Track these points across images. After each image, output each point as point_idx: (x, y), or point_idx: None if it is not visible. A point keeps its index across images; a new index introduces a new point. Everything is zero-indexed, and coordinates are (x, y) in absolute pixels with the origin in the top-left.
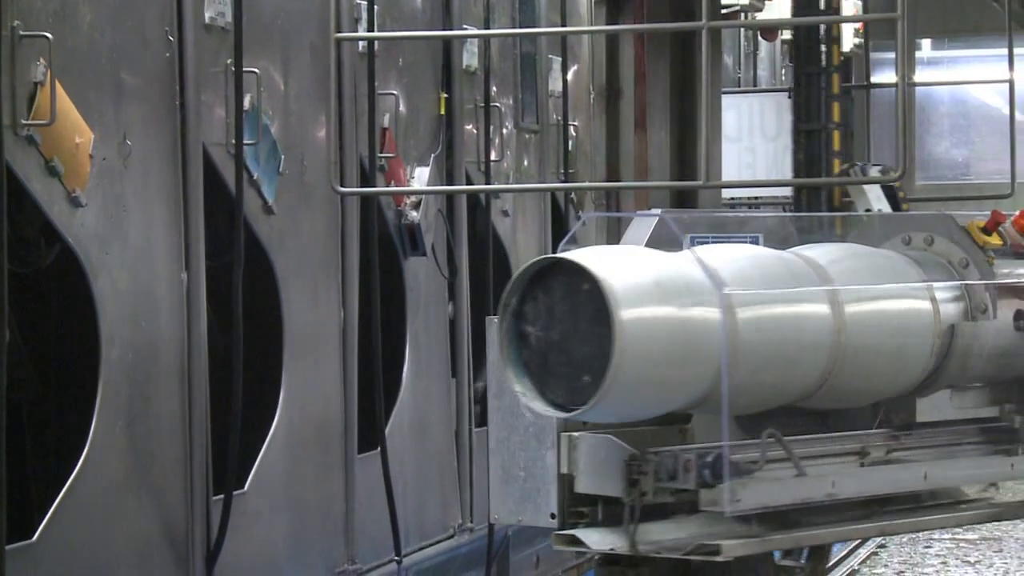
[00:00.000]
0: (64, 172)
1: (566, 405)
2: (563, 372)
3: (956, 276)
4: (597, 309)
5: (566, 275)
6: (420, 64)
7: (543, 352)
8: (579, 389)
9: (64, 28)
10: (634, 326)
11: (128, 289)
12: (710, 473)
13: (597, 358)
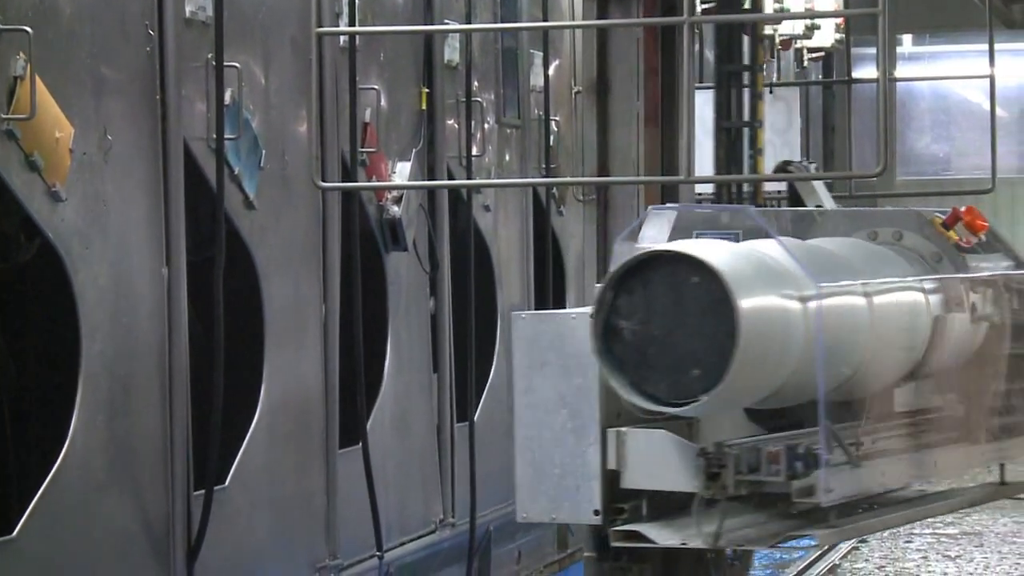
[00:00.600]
0: (44, 167)
1: (668, 400)
2: (666, 366)
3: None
4: (711, 301)
5: (670, 268)
6: (401, 59)
7: (641, 347)
8: (685, 383)
9: (44, 22)
10: (753, 317)
11: (109, 284)
12: (802, 465)
13: (710, 351)
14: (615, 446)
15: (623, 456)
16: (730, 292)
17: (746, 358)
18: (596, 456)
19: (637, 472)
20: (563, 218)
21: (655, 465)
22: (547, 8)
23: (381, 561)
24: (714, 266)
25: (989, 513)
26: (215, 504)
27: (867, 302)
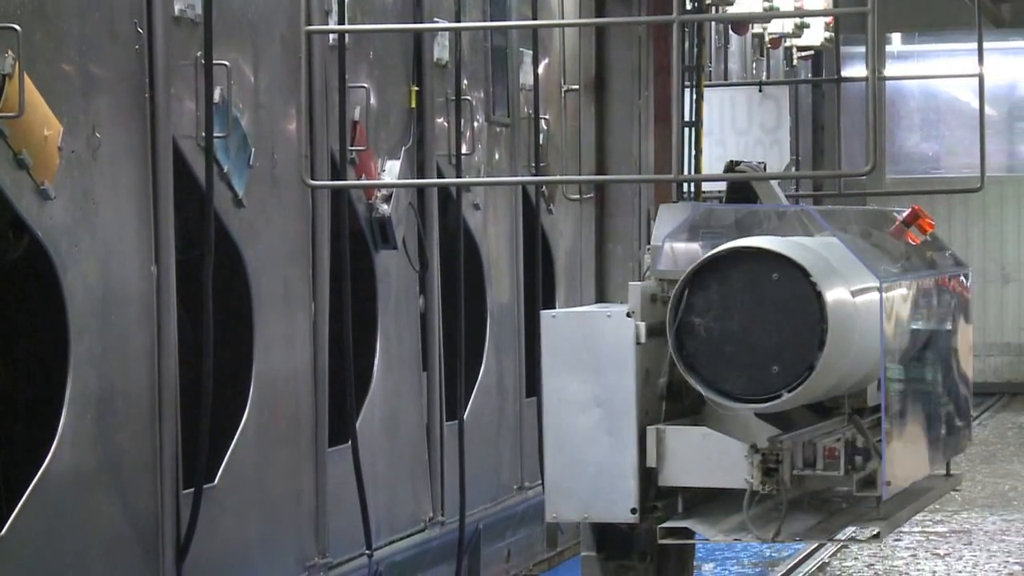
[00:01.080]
0: (33, 164)
1: (744, 396)
2: (744, 363)
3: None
4: (795, 297)
5: (749, 264)
6: (391, 57)
7: (717, 344)
8: (765, 380)
9: (33, 20)
10: (837, 312)
11: (97, 282)
12: (862, 458)
13: (793, 347)
14: (654, 444)
15: (662, 454)
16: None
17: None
18: (633, 454)
19: (678, 470)
20: (553, 216)
21: (699, 462)
22: (536, 7)
23: (370, 560)
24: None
25: (978, 512)
26: (204, 502)
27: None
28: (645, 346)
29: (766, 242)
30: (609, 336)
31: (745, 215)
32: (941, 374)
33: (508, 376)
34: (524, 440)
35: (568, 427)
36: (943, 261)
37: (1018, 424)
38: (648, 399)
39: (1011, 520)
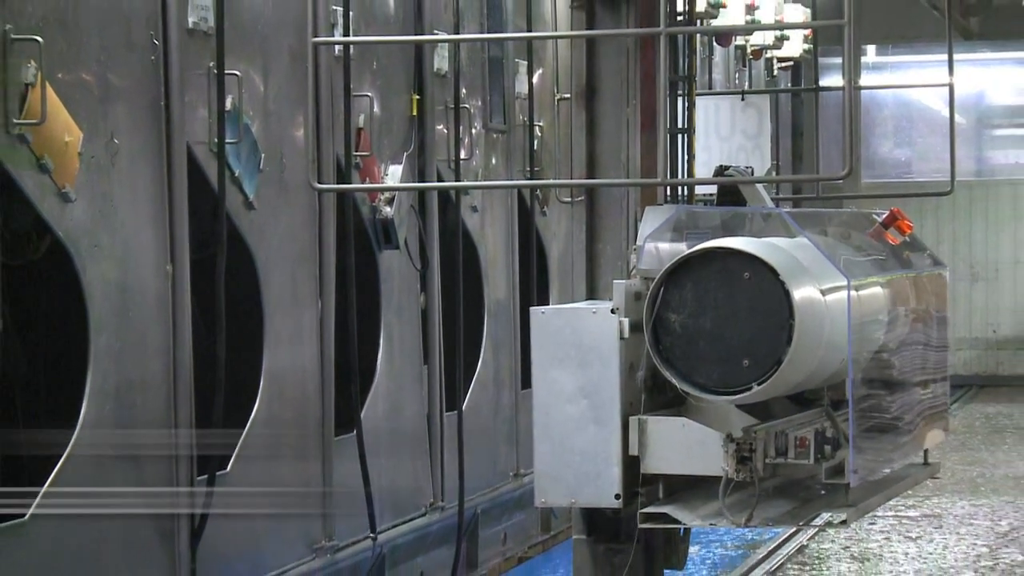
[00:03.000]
0: (54, 169)
1: (717, 388)
2: (716, 357)
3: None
4: (765, 296)
5: (721, 263)
6: (393, 67)
7: (691, 339)
8: (736, 373)
9: (54, 32)
10: (804, 310)
11: (116, 280)
12: (831, 448)
13: (762, 343)
14: (637, 433)
15: (644, 443)
16: (787, 287)
17: (799, 349)
18: (617, 443)
19: (659, 458)
20: (546, 218)
21: (678, 451)
22: (531, 19)
23: (374, 542)
24: (770, 262)
25: (948, 497)
26: (217, 488)
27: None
28: (628, 341)
29: (738, 243)
30: (594, 331)
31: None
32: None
33: (504, 369)
34: (520, 429)
35: (556, 417)
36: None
37: (986, 414)
38: (631, 391)
39: (979, 505)
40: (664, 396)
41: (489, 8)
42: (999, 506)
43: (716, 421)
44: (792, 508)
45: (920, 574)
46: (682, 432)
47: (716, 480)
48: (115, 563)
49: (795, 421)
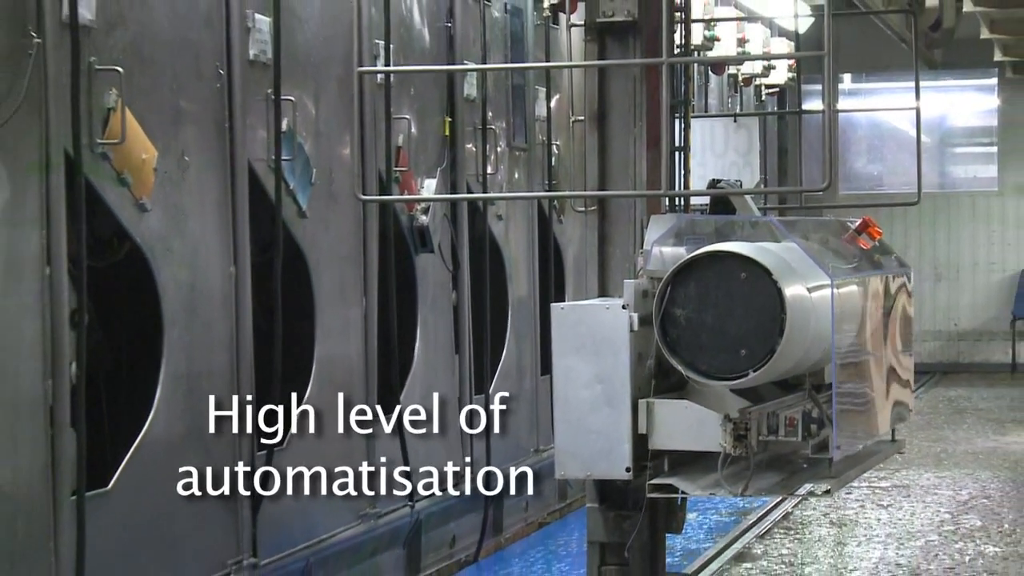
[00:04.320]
0: (132, 183)
1: (717, 374)
2: (717, 347)
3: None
4: (760, 293)
5: (721, 265)
6: (428, 93)
7: (694, 331)
8: (734, 361)
9: (133, 63)
10: (795, 306)
11: (186, 281)
12: (816, 426)
13: (757, 334)
14: (645, 414)
15: (651, 423)
16: (779, 285)
17: (789, 340)
18: (627, 423)
19: (664, 435)
20: (563, 226)
21: (681, 429)
22: (549, 52)
23: (412, 509)
24: (764, 264)
25: (915, 470)
26: (275, 461)
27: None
28: (637, 333)
29: (736, 247)
30: (607, 325)
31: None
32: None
33: (526, 357)
34: (540, 411)
35: (573, 400)
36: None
37: (948, 397)
38: (640, 377)
39: (942, 476)
40: (668, 381)
41: (512, 41)
42: (960, 478)
43: (714, 403)
44: (781, 480)
45: (891, 537)
46: (685, 413)
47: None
48: (186, 527)
49: (783, 403)
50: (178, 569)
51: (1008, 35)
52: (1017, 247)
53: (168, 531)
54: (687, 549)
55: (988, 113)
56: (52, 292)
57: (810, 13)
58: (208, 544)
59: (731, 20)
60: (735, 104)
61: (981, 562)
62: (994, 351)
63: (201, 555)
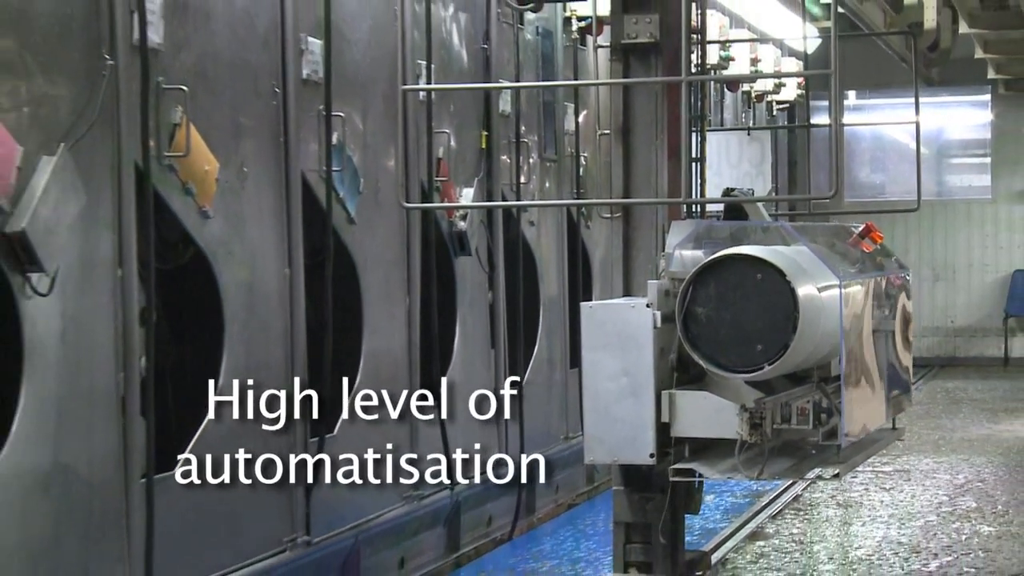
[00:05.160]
0: (196, 192)
1: (735, 367)
2: (735, 343)
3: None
4: (774, 293)
5: (738, 267)
6: (466, 109)
7: (714, 327)
8: (751, 356)
9: (197, 82)
10: (807, 304)
11: (245, 281)
12: (826, 416)
13: (772, 331)
14: (667, 404)
15: (673, 412)
16: (793, 286)
17: (801, 336)
18: (651, 412)
19: (685, 424)
20: (590, 231)
21: (701, 418)
22: (577, 71)
23: (452, 491)
24: (778, 266)
25: (915, 455)
26: (326, 448)
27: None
28: (660, 329)
29: (752, 250)
30: (633, 322)
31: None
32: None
33: (556, 352)
34: (569, 401)
35: (601, 391)
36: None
37: (945, 389)
38: (663, 370)
39: (940, 462)
40: (689, 374)
41: (543, 61)
42: (956, 463)
43: (731, 395)
44: (792, 465)
45: (893, 517)
46: (704, 403)
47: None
48: (244, 507)
49: (795, 394)
50: (238, 546)
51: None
52: (1009, 250)
53: (229, 511)
54: (705, 528)
55: (982, 127)
56: (123, 292)
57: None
58: (265, 523)
59: (745, 41)
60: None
61: (976, 541)
62: (988, 346)
63: (259, 533)
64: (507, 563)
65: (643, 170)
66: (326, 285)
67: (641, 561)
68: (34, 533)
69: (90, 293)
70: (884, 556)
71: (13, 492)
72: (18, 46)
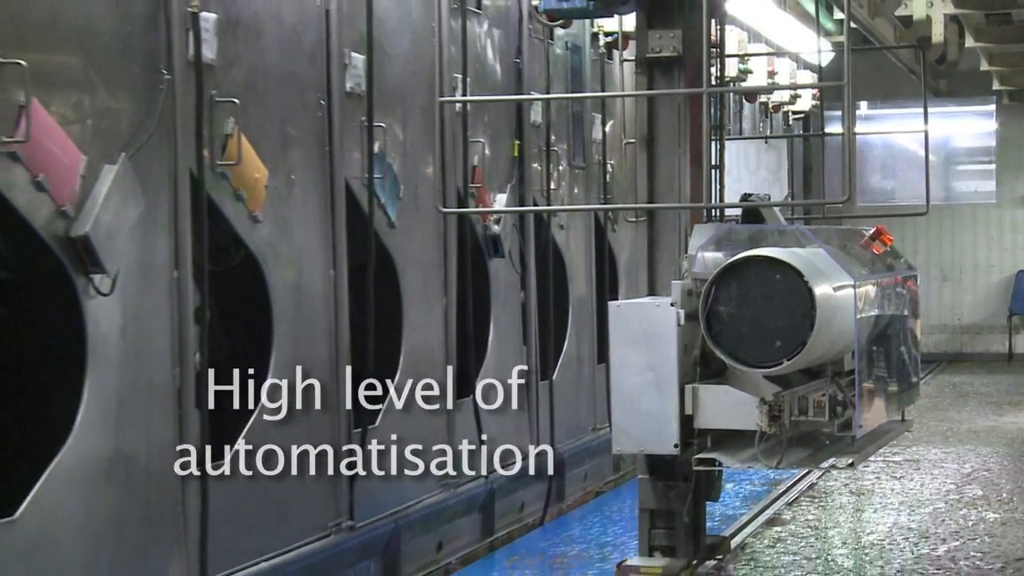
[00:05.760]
0: (247, 198)
1: (755, 362)
2: (755, 339)
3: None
4: (792, 292)
5: (758, 267)
6: (500, 120)
7: (735, 325)
8: (770, 351)
9: (247, 95)
10: (823, 303)
11: (292, 282)
12: (841, 408)
13: (790, 328)
14: (691, 397)
15: (696, 405)
16: (810, 285)
17: (818, 333)
18: (675, 405)
19: (707, 416)
20: (616, 234)
21: (722, 410)
22: (604, 83)
23: (486, 479)
24: (797, 267)
25: (924, 446)
26: (368, 439)
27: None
28: (684, 327)
29: (772, 252)
30: (657, 320)
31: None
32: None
33: (585, 348)
34: (596, 395)
35: (628, 385)
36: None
37: (952, 383)
38: (686, 365)
39: (948, 452)
40: (710, 369)
41: (572, 75)
42: (963, 453)
43: (750, 388)
44: (809, 454)
45: (903, 505)
46: (725, 396)
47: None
48: (293, 492)
49: (811, 388)
50: (287, 530)
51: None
52: (1013, 252)
53: (278, 497)
54: (724, 514)
55: (987, 135)
56: (179, 292)
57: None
58: (311, 509)
59: (762, 55)
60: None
61: (982, 526)
62: (993, 342)
63: (305, 519)
64: (538, 547)
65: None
66: (368, 286)
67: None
68: (97, 517)
69: (148, 293)
70: (895, 541)
71: (78, 479)
72: (83, 63)
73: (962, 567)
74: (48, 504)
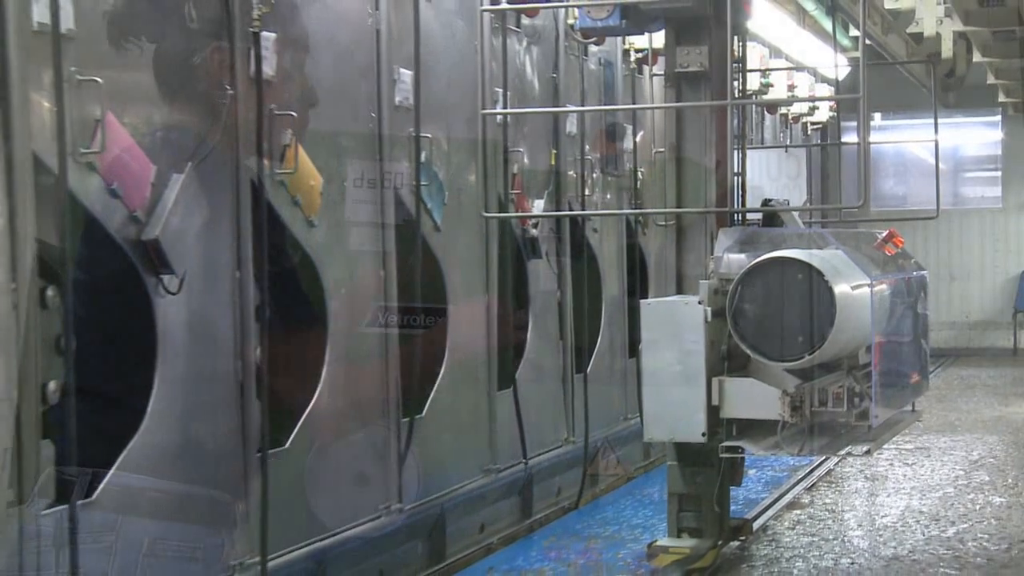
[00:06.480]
0: (303, 204)
1: (779, 357)
2: (778, 335)
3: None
4: (813, 291)
5: (781, 268)
6: (538, 130)
7: (760, 322)
8: (793, 346)
9: (303, 109)
10: (843, 301)
11: (345, 281)
12: (859, 399)
13: (812, 325)
14: (717, 389)
15: (722, 396)
16: (830, 284)
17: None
18: (702, 396)
19: (733, 406)
20: (646, 237)
21: (747, 401)
22: (635, 96)
23: (526, 466)
24: (818, 267)
25: (934, 435)
26: (416, 427)
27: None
28: (711, 324)
29: (794, 253)
30: (686, 317)
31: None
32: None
33: (617, 343)
34: (627, 387)
35: (659, 378)
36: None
37: (961, 376)
38: (712, 359)
39: (956, 440)
40: (735, 363)
41: (605, 88)
42: (971, 441)
43: (773, 381)
44: (828, 442)
45: (915, 489)
46: (750, 388)
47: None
48: (347, 474)
49: (829, 380)
50: (340, 510)
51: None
52: (1018, 253)
53: (332, 480)
54: (747, 498)
55: (993, 144)
56: (241, 291)
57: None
58: (363, 492)
59: (782, 69)
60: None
61: (989, 510)
62: (999, 338)
63: (358, 500)
64: (574, 528)
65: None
66: (415, 285)
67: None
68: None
69: (212, 292)
70: (907, 524)
71: (148, 464)
72: (153, 79)
73: (970, 548)
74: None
